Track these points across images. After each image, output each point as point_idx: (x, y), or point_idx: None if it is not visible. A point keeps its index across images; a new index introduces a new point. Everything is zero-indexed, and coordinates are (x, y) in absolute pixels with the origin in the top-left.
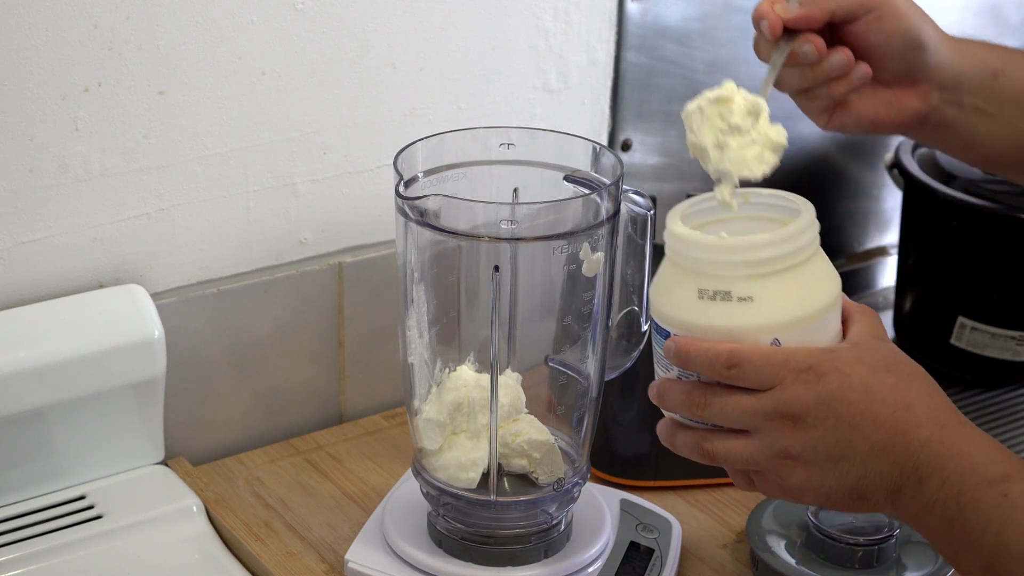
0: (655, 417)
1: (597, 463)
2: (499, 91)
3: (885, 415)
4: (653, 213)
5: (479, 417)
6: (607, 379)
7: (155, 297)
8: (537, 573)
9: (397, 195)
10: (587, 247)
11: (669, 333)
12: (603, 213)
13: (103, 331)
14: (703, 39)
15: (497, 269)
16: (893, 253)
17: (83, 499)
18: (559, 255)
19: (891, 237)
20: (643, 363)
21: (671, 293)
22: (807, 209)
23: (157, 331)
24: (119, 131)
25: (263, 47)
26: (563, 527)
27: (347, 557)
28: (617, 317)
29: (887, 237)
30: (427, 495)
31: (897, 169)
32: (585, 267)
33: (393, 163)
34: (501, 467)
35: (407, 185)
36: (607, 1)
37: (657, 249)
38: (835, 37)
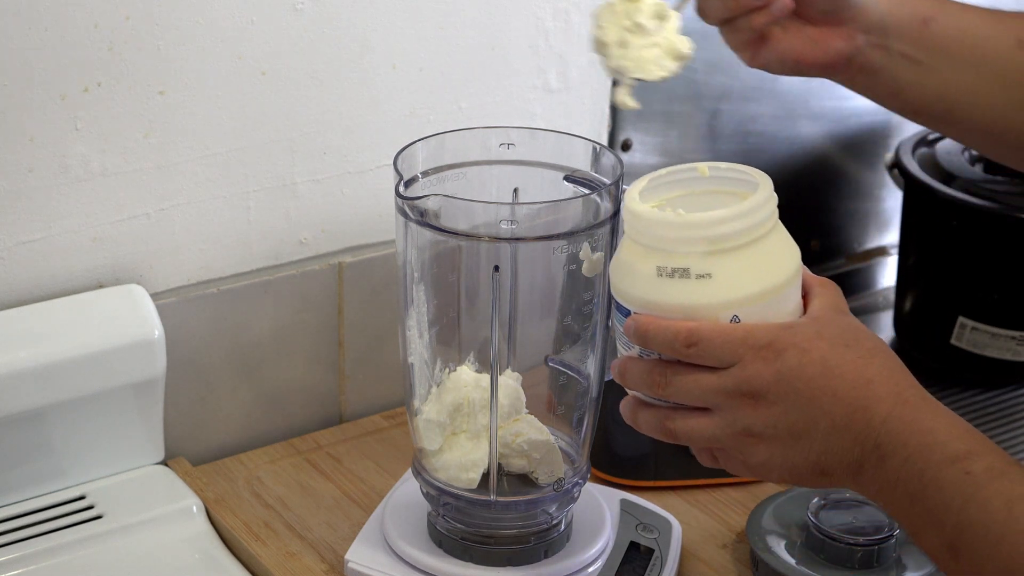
0: None
1: (597, 463)
2: (499, 91)
3: (845, 390)
4: None
5: (479, 417)
6: (607, 379)
7: (155, 297)
8: (537, 573)
9: (397, 195)
10: (587, 247)
11: (629, 311)
12: (603, 213)
13: (103, 331)
14: (703, 39)
15: (497, 269)
16: (893, 253)
17: (83, 499)
18: (559, 255)
19: (891, 237)
20: None
21: (630, 271)
22: (765, 183)
23: (157, 331)
24: (119, 131)
25: (263, 47)
26: (563, 527)
27: (347, 557)
28: None
29: (887, 237)
30: (427, 495)
31: (897, 169)
32: (585, 267)
33: (393, 163)
34: (501, 467)
35: (407, 185)
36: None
37: None
38: None
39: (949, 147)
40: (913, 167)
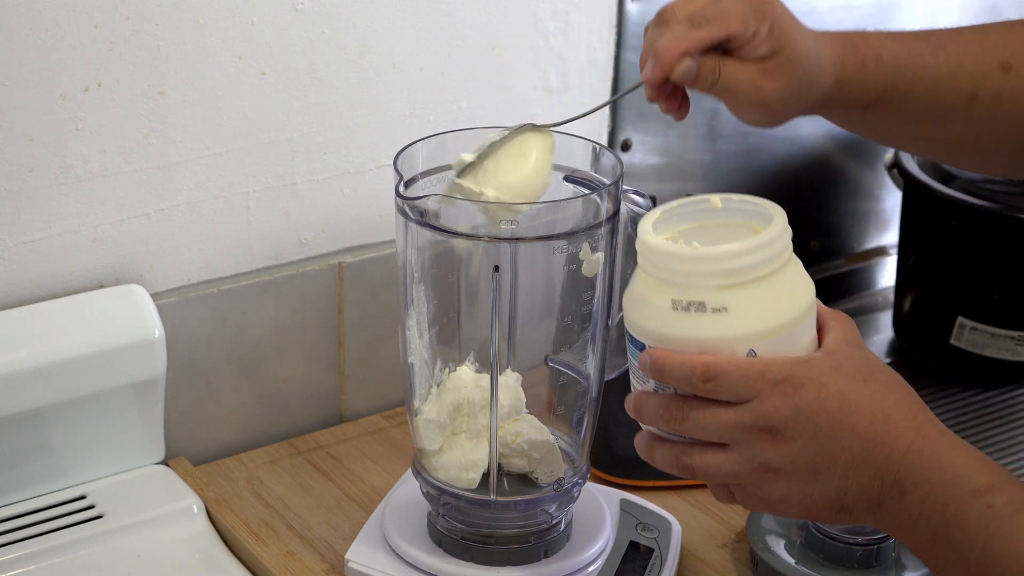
0: None
1: (597, 463)
2: (499, 91)
3: (863, 425)
4: None
5: (479, 417)
6: (607, 379)
7: (155, 297)
8: (537, 573)
9: (397, 195)
10: (587, 247)
11: (644, 345)
12: (603, 213)
13: (103, 331)
14: None
15: (497, 269)
16: (893, 253)
17: (83, 499)
18: (559, 255)
19: (891, 237)
20: None
21: (644, 304)
22: (779, 215)
23: (157, 331)
24: (119, 131)
25: (263, 47)
26: (563, 527)
27: (347, 557)
28: (617, 317)
29: (887, 237)
30: (427, 495)
31: (897, 169)
32: (585, 267)
33: (393, 163)
34: (501, 467)
35: (407, 185)
36: (607, 1)
37: None
38: None
39: None
40: (912, 167)
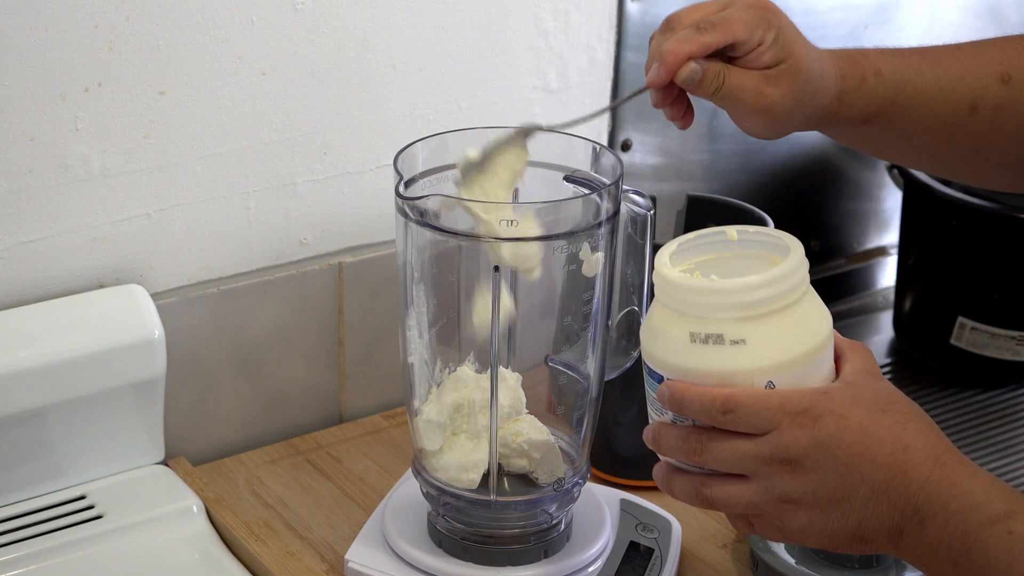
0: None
1: (597, 463)
2: (499, 91)
3: (883, 456)
4: (653, 213)
5: (479, 417)
6: (607, 379)
7: (155, 297)
8: (537, 573)
9: (397, 195)
10: (587, 247)
11: (662, 377)
12: (603, 213)
13: (103, 331)
14: None
15: (497, 269)
16: (893, 253)
17: (83, 499)
18: (559, 255)
19: (891, 237)
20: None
21: (662, 336)
22: (796, 247)
23: (157, 331)
24: (119, 131)
25: (263, 47)
26: (563, 527)
27: (347, 557)
28: (617, 317)
29: (887, 237)
30: (427, 495)
31: (897, 169)
32: (585, 267)
33: (393, 163)
34: (501, 467)
35: (407, 185)
36: (607, 1)
37: (657, 250)
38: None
39: None
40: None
